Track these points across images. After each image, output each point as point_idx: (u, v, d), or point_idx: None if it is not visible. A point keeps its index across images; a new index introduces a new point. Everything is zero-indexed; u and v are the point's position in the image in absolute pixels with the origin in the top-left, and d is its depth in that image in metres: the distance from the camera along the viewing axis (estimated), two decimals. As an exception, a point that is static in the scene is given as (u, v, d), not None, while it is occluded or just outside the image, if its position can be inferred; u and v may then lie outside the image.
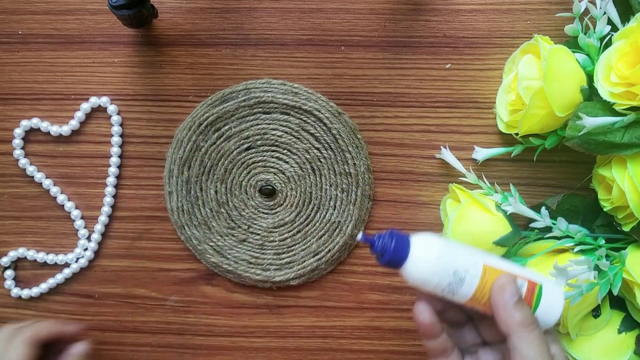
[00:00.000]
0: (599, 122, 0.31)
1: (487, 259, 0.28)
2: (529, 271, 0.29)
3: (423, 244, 0.27)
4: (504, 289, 0.27)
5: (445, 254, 0.27)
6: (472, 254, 0.28)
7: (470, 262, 0.27)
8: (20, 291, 0.40)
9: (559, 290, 0.28)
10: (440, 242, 0.27)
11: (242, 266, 0.39)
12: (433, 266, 0.27)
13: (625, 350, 0.34)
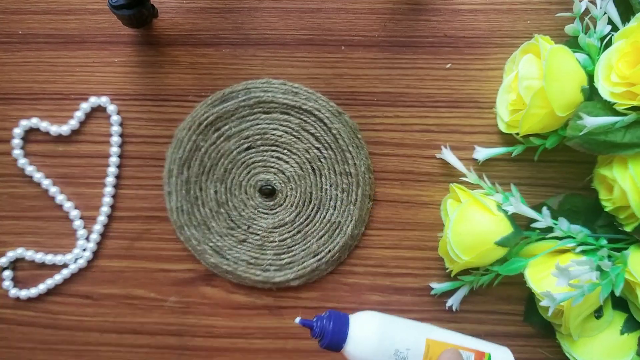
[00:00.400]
0: (600, 122, 0.31)
1: (430, 333, 0.28)
2: (474, 341, 0.29)
3: (362, 324, 0.27)
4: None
5: (384, 333, 0.27)
6: (414, 330, 0.28)
7: (411, 339, 0.27)
8: (18, 291, 0.40)
9: (509, 356, 0.29)
10: (379, 321, 0.27)
11: (242, 267, 0.39)
12: (372, 347, 0.27)
13: (628, 351, 0.34)
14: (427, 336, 0.27)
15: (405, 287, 0.39)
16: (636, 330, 0.34)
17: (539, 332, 0.39)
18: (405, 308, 0.39)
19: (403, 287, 0.39)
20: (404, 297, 0.39)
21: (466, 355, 0.27)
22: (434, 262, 0.39)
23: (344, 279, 0.40)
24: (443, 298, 0.39)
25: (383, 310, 0.39)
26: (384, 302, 0.39)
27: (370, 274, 0.39)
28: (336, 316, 0.27)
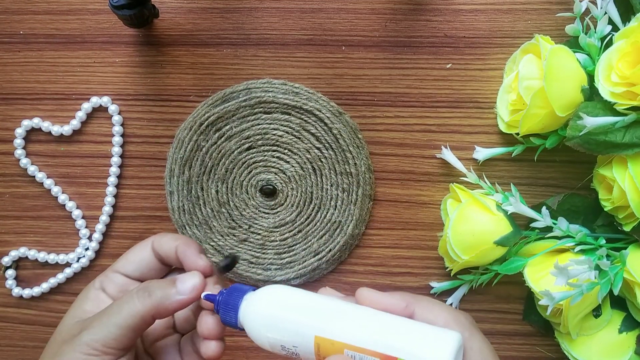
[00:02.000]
0: (600, 122, 0.31)
1: (324, 326, 0.22)
2: (392, 336, 0.21)
3: (253, 306, 0.23)
4: None
5: (271, 322, 0.23)
6: (304, 323, 0.22)
7: (297, 337, 0.22)
8: (21, 291, 0.40)
9: (441, 352, 0.21)
10: (269, 306, 0.23)
11: (243, 266, 0.39)
12: (258, 334, 0.23)
13: (626, 350, 0.34)
14: (317, 332, 0.21)
15: (406, 286, 0.39)
16: (634, 329, 0.35)
17: (537, 331, 0.39)
18: (406, 307, 0.40)
19: (403, 286, 0.39)
20: None
21: (364, 359, 0.21)
22: (434, 262, 0.39)
23: (344, 278, 0.40)
24: (443, 297, 0.39)
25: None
26: (384, 301, 0.40)
27: (371, 273, 0.40)
28: (233, 289, 0.23)
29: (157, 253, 0.27)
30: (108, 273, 0.27)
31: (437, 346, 0.20)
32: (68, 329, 0.26)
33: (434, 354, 0.20)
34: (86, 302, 0.27)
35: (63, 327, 0.26)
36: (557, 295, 0.31)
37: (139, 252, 0.27)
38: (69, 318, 0.27)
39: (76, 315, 0.26)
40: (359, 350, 0.21)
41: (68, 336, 0.25)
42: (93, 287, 0.27)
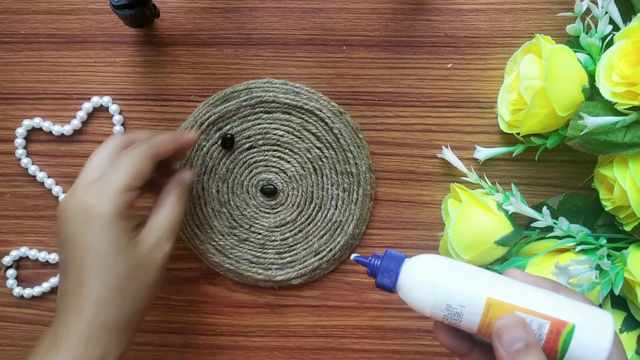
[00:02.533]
0: (601, 121, 0.31)
1: (495, 290, 0.23)
2: (560, 302, 0.22)
3: (415, 267, 0.25)
4: (501, 334, 0.22)
5: (438, 282, 0.24)
6: (475, 284, 0.23)
7: (468, 295, 0.23)
8: (22, 290, 0.40)
9: (604, 328, 0.22)
10: (435, 266, 0.24)
11: (244, 265, 0.39)
12: (422, 295, 0.24)
13: (627, 350, 0.34)
14: (489, 294, 0.22)
15: (406, 285, 0.39)
16: (635, 329, 0.35)
17: (538, 331, 0.39)
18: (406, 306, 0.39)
19: (404, 286, 0.39)
20: None
21: (538, 323, 0.22)
22: (435, 261, 0.39)
23: (345, 278, 0.40)
24: (443, 297, 0.39)
25: (383, 308, 0.40)
26: (385, 300, 0.40)
27: (371, 272, 0.39)
28: (389, 256, 0.25)
29: (157, 160, 0.31)
30: (126, 192, 0.29)
31: (602, 320, 0.22)
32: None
33: (602, 324, 0.22)
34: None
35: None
36: (557, 295, 0.31)
37: (144, 165, 0.30)
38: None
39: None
40: (531, 312, 0.22)
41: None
42: (116, 219, 0.29)
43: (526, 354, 0.22)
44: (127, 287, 0.28)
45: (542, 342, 0.22)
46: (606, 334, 0.22)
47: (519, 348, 0.22)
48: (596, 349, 0.22)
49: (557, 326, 0.22)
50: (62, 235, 0.29)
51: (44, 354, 0.27)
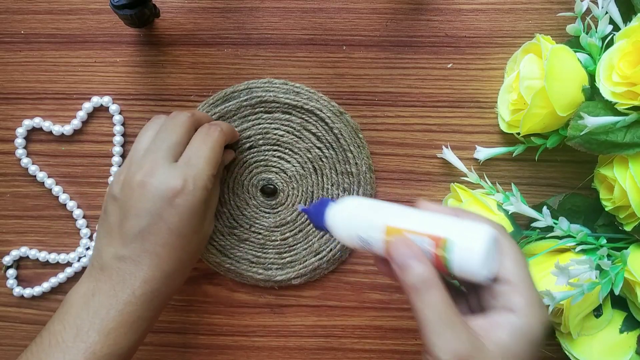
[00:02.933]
0: (601, 121, 0.31)
1: (392, 217, 0.27)
2: (442, 225, 0.25)
3: (336, 208, 0.29)
4: (390, 254, 0.25)
5: (349, 218, 0.28)
6: (377, 215, 0.27)
7: (372, 225, 0.27)
8: (22, 290, 0.40)
9: (477, 238, 0.24)
10: (349, 205, 0.28)
11: (244, 265, 0.39)
12: (340, 230, 0.28)
13: (627, 350, 0.34)
14: (387, 222, 0.26)
15: (406, 285, 0.39)
16: (635, 329, 0.35)
17: (539, 331, 0.39)
18: (406, 306, 0.40)
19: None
20: (404, 295, 0.39)
21: (423, 241, 0.25)
22: (435, 261, 0.39)
23: (345, 278, 0.40)
24: (444, 296, 0.39)
25: (383, 308, 0.40)
26: (385, 300, 0.40)
27: (372, 272, 0.40)
28: (320, 202, 0.30)
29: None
30: (210, 180, 0.32)
31: (476, 231, 0.24)
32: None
33: (473, 236, 0.24)
34: None
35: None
36: (558, 295, 0.31)
37: (220, 153, 0.33)
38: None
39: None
40: (416, 233, 0.25)
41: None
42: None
43: (408, 269, 0.24)
44: (190, 263, 0.33)
45: (433, 260, 0.25)
46: (481, 240, 0.24)
47: (404, 264, 0.24)
48: (471, 258, 0.24)
49: (437, 242, 0.25)
50: (138, 208, 0.30)
51: (105, 309, 0.29)
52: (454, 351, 0.23)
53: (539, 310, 0.24)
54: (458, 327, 0.23)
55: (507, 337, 0.23)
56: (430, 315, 0.24)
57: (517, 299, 0.24)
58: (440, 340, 0.23)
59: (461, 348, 0.23)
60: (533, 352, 0.24)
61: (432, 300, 0.24)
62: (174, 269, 0.31)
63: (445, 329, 0.23)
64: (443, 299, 0.24)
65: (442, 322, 0.23)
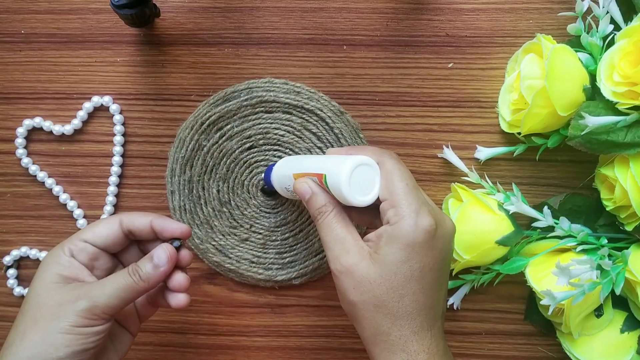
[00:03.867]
0: (602, 121, 0.31)
1: (296, 166, 0.32)
2: (328, 164, 0.29)
3: (273, 170, 0.35)
4: (296, 192, 0.31)
5: (277, 175, 0.34)
6: (288, 167, 0.33)
7: (285, 175, 0.33)
8: (22, 290, 0.40)
9: (341, 168, 0.28)
10: (281, 163, 0.34)
11: (244, 265, 0.39)
12: (276, 187, 0.34)
13: (628, 350, 0.34)
14: (293, 170, 0.32)
15: (407, 285, 0.39)
16: (636, 329, 0.35)
17: (539, 331, 0.39)
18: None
19: (404, 286, 0.39)
20: None
21: (312, 179, 0.30)
22: (436, 261, 0.39)
23: (345, 278, 0.40)
24: (444, 296, 0.39)
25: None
26: (385, 300, 0.40)
27: (372, 272, 0.39)
28: (269, 167, 0.35)
29: (127, 229, 0.31)
30: (75, 241, 0.30)
31: (343, 163, 0.28)
32: (56, 293, 0.28)
33: (339, 168, 0.28)
34: (60, 268, 0.29)
35: (42, 291, 0.28)
36: (558, 295, 0.31)
37: (107, 227, 0.30)
38: (44, 283, 0.29)
39: (53, 280, 0.29)
40: (309, 175, 0.30)
41: (62, 301, 0.28)
42: (63, 253, 0.30)
43: (309, 202, 0.30)
44: (43, 326, 0.28)
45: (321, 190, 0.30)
46: (343, 172, 0.28)
47: (305, 199, 0.30)
48: (339, 185, 0.28)
49: (319, 177, 0.29)
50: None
51: None
52: (342, 261, 0.28)
53: (413, 216, 0.27)
54: (347, 242, 0.28)
55: (385, 245, 0.27)
56: (325, 236, 0.29)
57: (390, 211, 0.27)
58: (331, 254, 0.28)
59: (347, 258, 0.28)
60: (417, 257, 0.27)
61: (325, 223, 0.29)
62: (22, 333, 0.28)
63: (335, 245, 0.28)
64: (336, 221, 0.29)
65: (333, 240, 0.28)
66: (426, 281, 0.27)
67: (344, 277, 0.27)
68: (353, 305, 0.27)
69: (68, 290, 0.28)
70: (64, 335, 0.27)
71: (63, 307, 0.28)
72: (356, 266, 0.27)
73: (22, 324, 0.28)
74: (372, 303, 0.27)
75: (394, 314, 0.27)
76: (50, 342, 0.27)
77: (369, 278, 0.27)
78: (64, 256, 0.29)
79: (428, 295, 0.27)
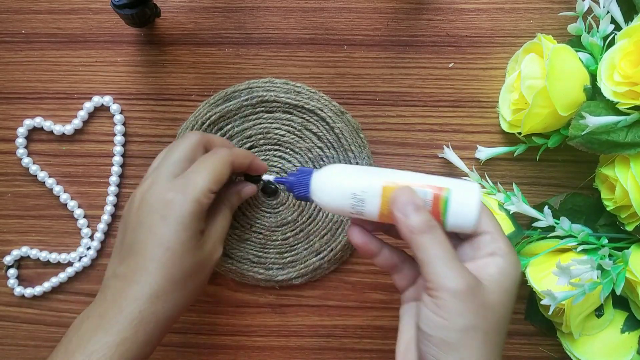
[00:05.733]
0: (602, 121, 0.31)
1: (389, 175, 0.28)
2: (439, 178, 0.28)
3: (323, 173, 0.29)
4: (395, 201, 0.27)
5: (342, 179, 0.28)
6: (373, 175, 0.28)
7: (368, 183, 0.28)
8: (23, 290, 0.40)
9: (472, 190, 0.27)
10: (339, 169, 0.29)
11: (245, 265, 0.39)
12: (331, 192, 0.29)
13: (628, 350, 0.34)
14: (385, 180, 0.28)
15: (407, 285, 0.39)
16: (637, 329, 0.35)
17: (540, 331, 0.39)
18: (407, 306, 0.40)
19: (405, 286, 0.39)
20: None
21: (423, 192, 0.27)
22: (436, 261, 0.39)
23: (346, 278, 0.40)
24: (445, 296, 0.39)
25: (384, 308, 0.40)
26: (386, 300, 0.40)
27: (372, 272, 0.39)
28: (301, 171, 0.30)
29: (234, 169, 0.32)
30: (208, 194, 0.30)
31: (471, 186, 0.27)
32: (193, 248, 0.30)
33: (469, 188, 0.27)
34: (202, 225, 0.31)
35: (180, 249, 0.29)
36: (559, 295, 0.31)
37: (225, 172, 0.31)
38: (185, 240, 0.30)
39: (195, 238, 0.30)
40: (418, 185, 0.27)
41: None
42: (202, 209, 0.30)
43: (415, 214, 0.26)
44: (185, 284, 0.30)
45: (430, 209, 0.27)
46: (474, 193, 0.27)
47: (410, 209, 0.26)
48: (469, 205, 0.27)
49: (438, 191, 0.27)
50: (133, 221, 0.30)
51: (92, 332, 0.28)
52: (464, 280, 0.25)
53: (516, 256, 0.27)
54: (461, 263, 0.26)
55: (497, 274, 0.26)
56: (439, 251, 0.25)
57: (500, 245, 0.27)
58: (452, 271, 0.25)
59: (469, 278, 0.25)
60: (514, 294, 0.26)
61: (439, 238, 0.26)
62: (162, 288, 0.29)
63: (453, 262, 0.25)
64: (446, 239, 0.26)
65: (450, 256, 0.25)
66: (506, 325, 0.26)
67: (462, 298, 0.24)
68: (463, 332, 0.24)
69: (205, 248, 0.31)
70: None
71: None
72: (478, 288, 0.25)
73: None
74: (483, 330, 0.25)
75: (496, 345, 0.25)
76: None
77: (492, 303, 0.25)
78: (204, 213, 0.30)
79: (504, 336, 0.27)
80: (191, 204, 0.29)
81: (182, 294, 0.30)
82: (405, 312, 0.29)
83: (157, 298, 0.29)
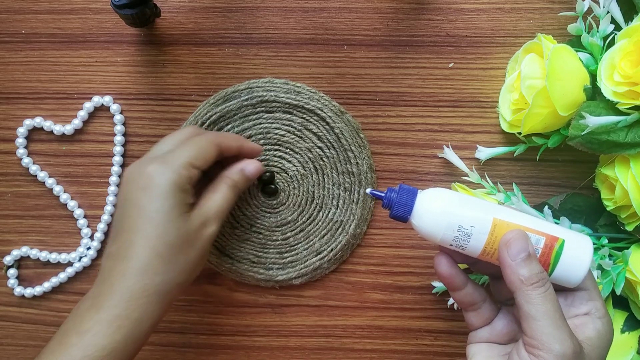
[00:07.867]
0: (602, 121, 0.31)
1: (500, 212, 0.26)
2: (551, 225, 0.26)
3: (429, 197, 0.27)
4: (509, 245, 0.25)
5: (450, 208, 0.26)
6: (482, 208, 0.26)
7: (477, 217, 0.26)
8: (23, 290, 0.40)
9: (586, 245, 0.26)
10: (447, 195, 0.27)
11: (245, 265, 0.39)
12: (436, 220, 0.26)
13: (628, 350, 0.34)
14: (495, 215, 0.26)
15: (407, 285, 0.39)
16: (637, 329, 0.35)
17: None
18: (407, 306, 0.40)
19: (405, 286, 0.39)
20: (405, 295, 0.39)
21: (535, 238, 0.26)
22: (436, 261, 0.39)
23: (346, 278, 0.40)
24: (444, 297, 0.39)
25: (384, 308, 0.40)
26: (386, 300, 0.40)
27: (372, 272, 0.40)
28: (404, 189, 0.27)
29: (220, 150, 0.33)
30: (192, 170, 0.31)
31: (584, 239, 0.27)
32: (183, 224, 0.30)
33: (584, 241, 0.26)
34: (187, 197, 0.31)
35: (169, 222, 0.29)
36: (559, 294, 0.31)
37: (211, 152, 0.32)
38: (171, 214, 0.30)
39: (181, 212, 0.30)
40: (530, 230, 0.26)
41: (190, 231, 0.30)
42: (188, 184, 0.31)
43: (529, 263, 0.25)
44: (171, 257, 0.29)
45: (538, 255, 0.26)
46: (587, 249, 0.26)
47: (524, 257, 0.25)
48: (580, 260, 0.26)
49: (551, 241, 0.26)
50: (120, 199, 0.30)
51: (85, 311, 0.28)
52: (572, 345, 0.24)
53: (610, 318, 0.26)
54: (567, 325, 0.25)
55: (596, 338, 0.25)
56: (549, 309, 0.24)
57: (597, 304, 0.26)
58: (560, 333, 0.24)
59: (575, 343, 0.24)
60: (605, 355, 0.26)
61: (550, 295, 0.25)
62: (149, 262, 0.28)
63: (562, 322, 0.24)
64: (555, 295, 0.25)
65: (559, 315, 0.25)
66: None
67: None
68: None
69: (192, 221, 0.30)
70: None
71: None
72: (581, 354, 0.24)
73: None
74: None
75: None
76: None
77: None
78: (188, 186, 0.30)
79: None
80: (170, 174, 0.29)
81: (171, 267, 0.29)
82: (478, 352, 0.28)
83: (145, 272, 0.28)
